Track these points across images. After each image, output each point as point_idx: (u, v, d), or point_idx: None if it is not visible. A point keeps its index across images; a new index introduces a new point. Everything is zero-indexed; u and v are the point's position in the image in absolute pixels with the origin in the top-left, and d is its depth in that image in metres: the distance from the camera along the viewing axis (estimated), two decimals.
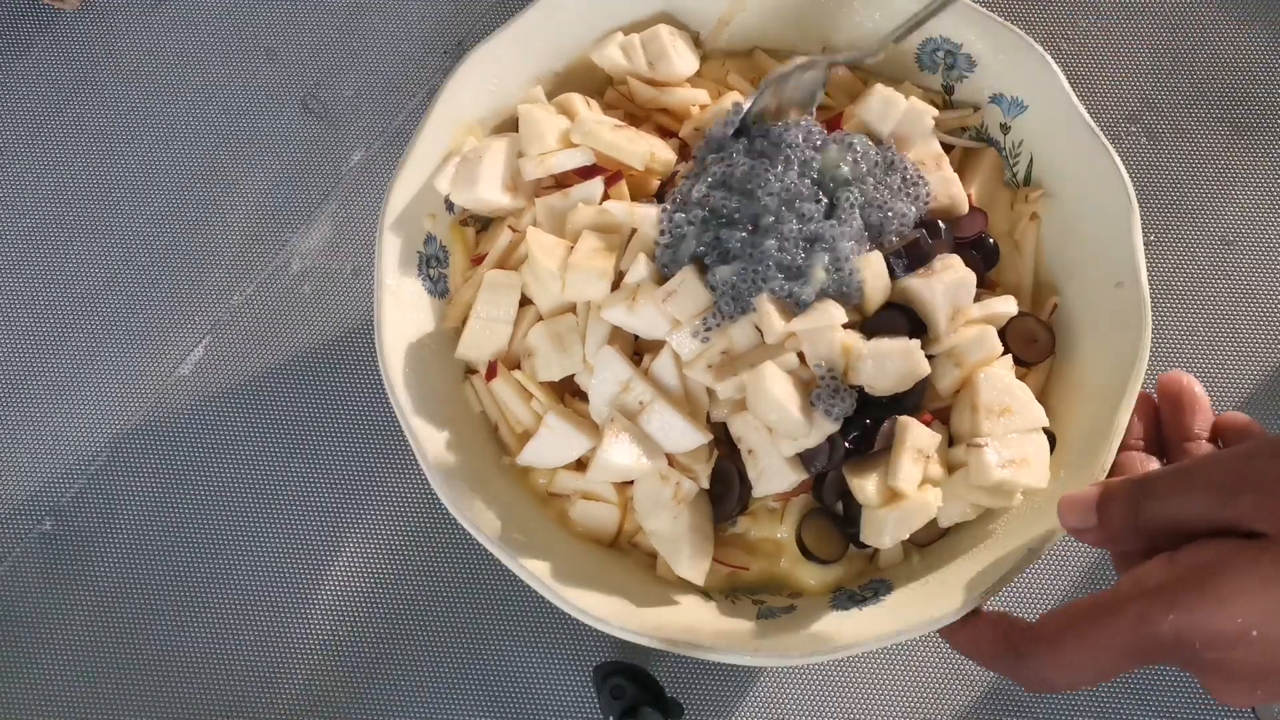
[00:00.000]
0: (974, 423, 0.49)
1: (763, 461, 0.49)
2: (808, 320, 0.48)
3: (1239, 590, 0.33)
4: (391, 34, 0.78)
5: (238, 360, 0.74)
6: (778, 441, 0.48)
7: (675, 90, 0.57)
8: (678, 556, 0.50)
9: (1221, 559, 0.34)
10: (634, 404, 0.50)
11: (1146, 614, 0.34)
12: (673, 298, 0.49)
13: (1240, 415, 0.45)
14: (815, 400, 0.48)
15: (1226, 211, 0.73)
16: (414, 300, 0.54)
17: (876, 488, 0.48)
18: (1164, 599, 0.34)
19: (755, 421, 0.49)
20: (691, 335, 0.49)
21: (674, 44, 0.57)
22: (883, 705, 0.70)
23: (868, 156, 0.52)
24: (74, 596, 0.73)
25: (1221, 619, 0.33)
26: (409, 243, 0.54)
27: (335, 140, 0.77)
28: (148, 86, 0.78)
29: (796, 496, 0.53)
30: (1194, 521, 0.36)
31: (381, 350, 0.51)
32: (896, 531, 0.48)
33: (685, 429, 0.49)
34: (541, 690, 0.71)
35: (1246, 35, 0.74)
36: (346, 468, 0.73)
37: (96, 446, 0.74)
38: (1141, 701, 0.68)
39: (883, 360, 0.48)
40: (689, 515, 0.50)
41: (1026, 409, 0.49)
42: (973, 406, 0.49)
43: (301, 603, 0.72)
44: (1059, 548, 0.66)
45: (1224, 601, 0.33)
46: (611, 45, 0.57)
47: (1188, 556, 0.35)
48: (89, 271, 0.76)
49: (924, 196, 0.53)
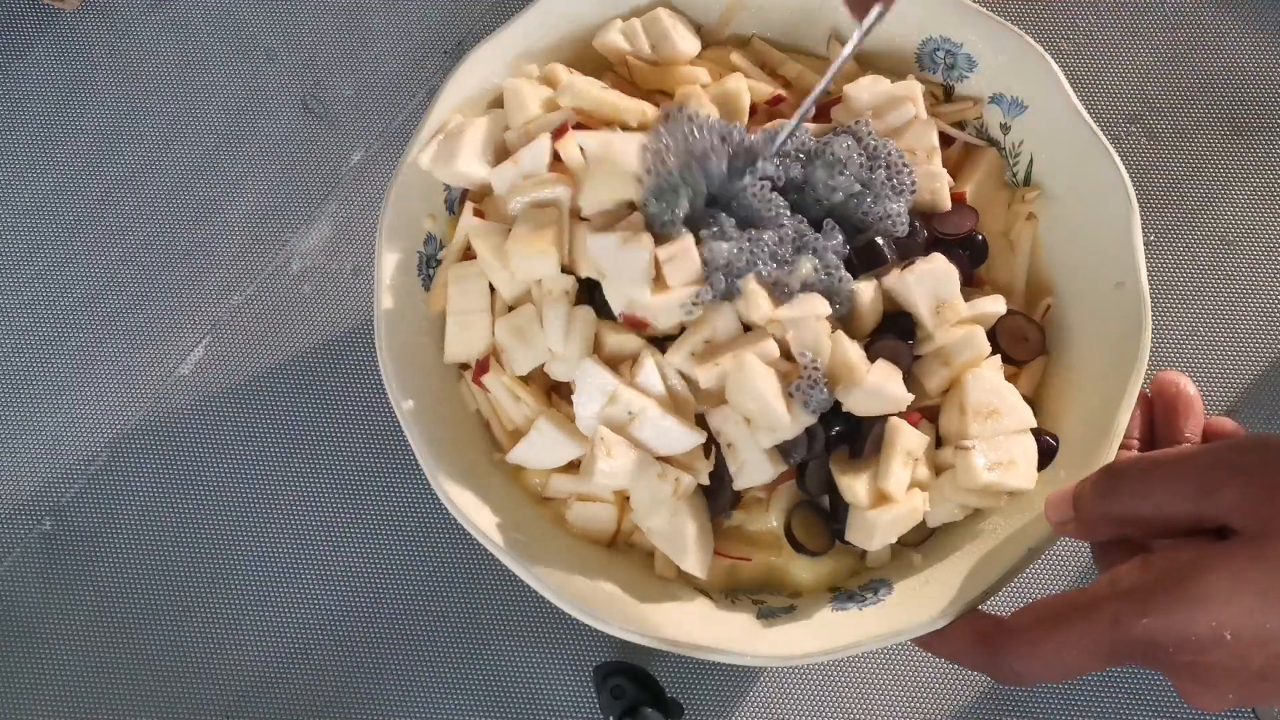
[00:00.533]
0: (962, 424, 0.49)
1: (742, 455, 0.49)
2: (794, 309, 0.48)
3: (1213, 594, 0.33)
4: (391, 34, 0.78)
5: (238, 360, 0.74)
6: (756, 433, 0.48)
7: (676, 69, 0.57)
8: (682, 552, 0.50)
9: (1195, 562, 0.34)
10: (622, 415, 0.49)
11: (1120, 616, 0.34)
12: (671, 261, 0.48)
13: (1229, 421, 0.45)
14: (794, 391, 0.48)
15: (1226, 211, 0.73)
16: (413, 300, 0.54)
17: (866, 489, 0.48)
18: (1138, 602, 0.34)
19: (734, 415, 0.49)
20: (679, 306, 0.49)
21: (675, 26, 0.57)
22: (883, 705, 0.70)
23: (852, 161, 0.52)
24: (74, 596, 0.73)
25: (1195, 623, 0.33)
26: (409, 243, 0.54)
27: (335, 140, 0.77)
28: (148, 86, 0.78)
29: (781, 486, 0.53)
30: (1164, 515, 0.36)
31: (381, 350, 0.51)
32: (886, 535, 0.48)
33: (681, 431, 0.49)
34: (541, 690, 0.71)
35: (1246, 35, 0.74)
36: (346, 468, 0.73)
37: (96, 446, 0.74)
38: (1141, 701, 0.68)
39: (876, 394, 0.48)
40: (687, 510, 0.51)
41: (1014, 410, 0.49)
42: (961, 408, 0.49)
43: (301, 603, 0.72)
44: (1058, 548, 0.66)
45: (1198, 605, 0.33)
46: (612, 30, 0.57)
47: (1162, 559, 0.35)
48: (89, 271, 0.76)
49: (909, 185, 0.53)
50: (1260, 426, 0.70)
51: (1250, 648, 0.32)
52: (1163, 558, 0.35)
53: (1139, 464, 0.38)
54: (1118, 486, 0.38)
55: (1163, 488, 0.36)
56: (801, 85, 0.59)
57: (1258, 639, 0.32)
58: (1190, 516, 0.35)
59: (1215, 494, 0.34)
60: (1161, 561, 0.35)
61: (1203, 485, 0.35)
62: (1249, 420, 0.70)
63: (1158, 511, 0.36)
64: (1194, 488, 0.35)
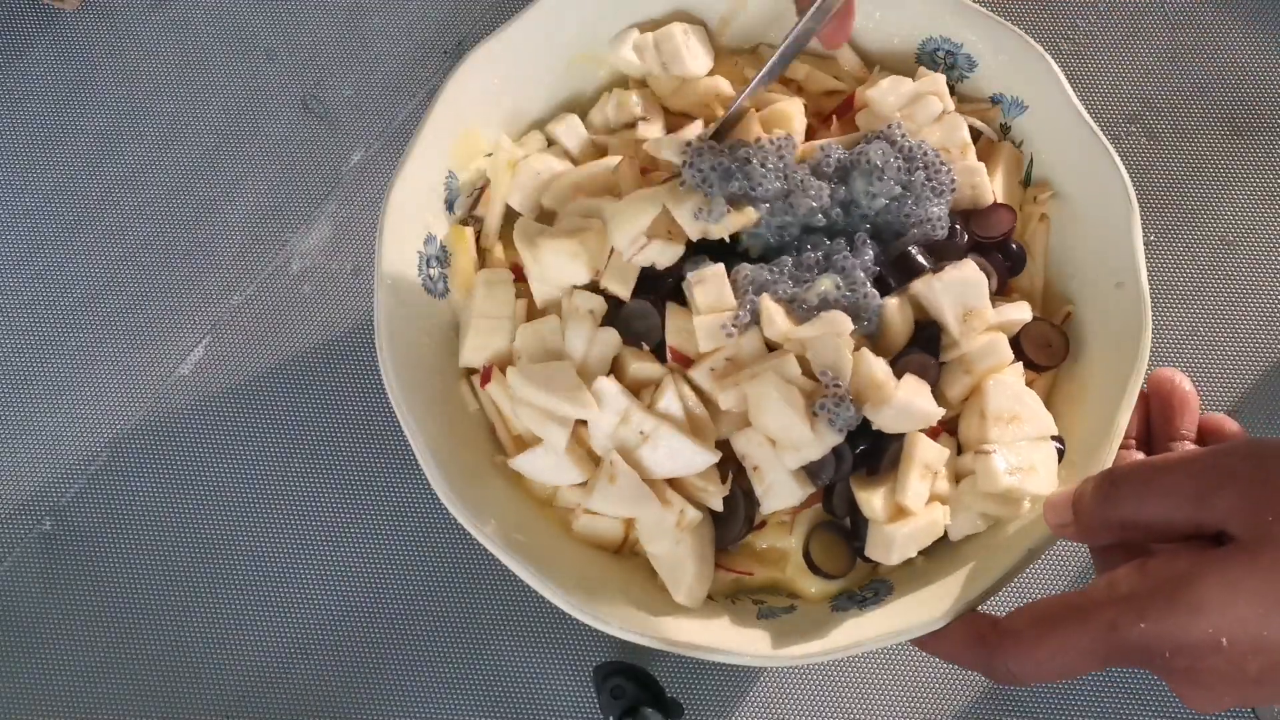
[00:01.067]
0: (982, 430, 0.49)
1: (768, 477, 0.48)
2: (813, 327, 0.47)
3: (1210, 601, 0.33)
4: (391, 34, 0.78)
5: (238, 360, 0.75)
6: (781, 454, 0.47)
7: (698, 83, 0.57)
8: (677, 583, 0.50)
9: (1192, 568, 0.34)
10: (634, 436, 0.49)
11: (1117, 621, 0.35)
12: (701, 285, 0.48)
13: (1230, 421, 0.45)
14: (819, 409, 0.47)
15: (1226, 211, 0.73)
16: (414, 300, 0.54)
17: (884, 503, 0.48)
18: (1135, 608, 0.34)
19: (758, 436, 0.48)
20: (719, 327, 0.49)
21: (687, 42, 0.57)
22: (883, 705, 0.70)
23: (890, 166, 0.51)
24: (74, 596, 0.73)
25: (1193, 630, 0.33)
26: (409, 243, 0.54)
27: (335, 140, 0.77)
28: (148, 86, 0.78)
29: (807, 509, 0.52)
30: (1164, 521, 0.36)
31: (381, 350, 0.51)
32: (904, 549, 0.48)
33: (693, 450, 0.48)
34: (541, 690, 0.71)
35: (1246, 35, 0.74)
36: (346, 468, 0.73)
37: (96, 446, 0.74)
38: (1141, 701, 0.68)
39: (905, 410, 0.47)
40: (691, 541, 0.50)
41: (1036, 417, 0.49)
42: (981, 413, 0.49)
43: (301, 603, 0.72)
44: (1057, 548, 0.66)
45: (1194, 612, 0.33)
46: (625, 46, 0.57)
47: (1160, 565, 0.35)
48: (89, 271, 0.76)
49: (949, 184, 0.52)
50: (1260, 426, 0.70)
51: (1246, 654, 0.33)
52: (1160, 564, 0.35)
53: (1139, 470, 0.38)
54: (1118, 492, 0.38)
55: (1162, 494, 0.36)
56: (811, 87, 0.59)
57: (1254, 645, 0.32)
58: (1189, 522, 0.35)
59: (1212, 501, 0.34)
60: (1159, 567, 0.35)
61: (1200, 492, 0.35)
62: (1249, 420, 0.70)
63: (1157, 517, 0.36)
64: (1191, 494, 0.35)
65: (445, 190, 0.56)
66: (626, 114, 0.57)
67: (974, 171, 0.53)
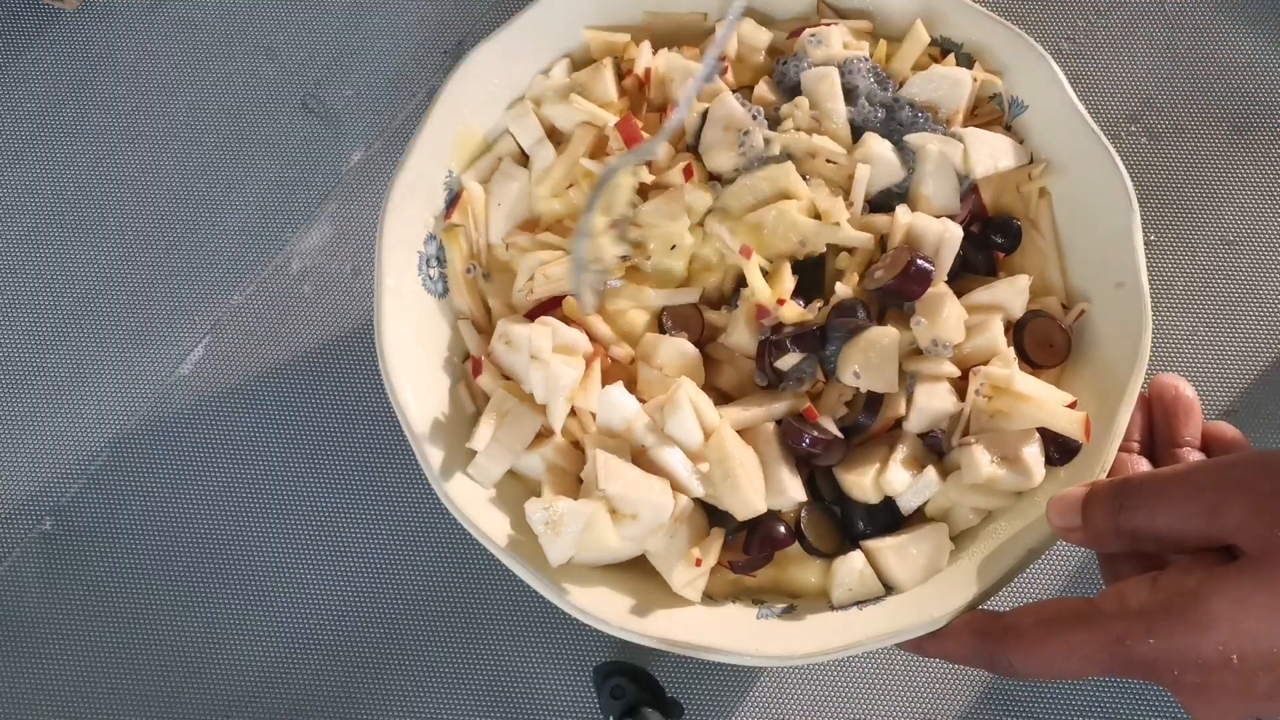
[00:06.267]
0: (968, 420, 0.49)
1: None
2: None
3: (1220, 617, 0.33)
4: (391, 34, 0.78)
5: (238, 360, 0.75)
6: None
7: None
8: (674, 575, 0.50)
9: (1202, 586, 0.34)
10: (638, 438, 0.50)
11: (1127, 635, 0.35)
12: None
13: (1230, 428, 0.45)
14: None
15: (1227, 211, 0.73)
16: (414, 300, 0.54)
17: (872, 483, 0.49)
18: (1145, 622, 0.34)
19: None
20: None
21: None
22: (883, 705, 0.70)
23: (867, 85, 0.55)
24: (74, 596, 0.73)
25: (1202, 646, 0.33)
26: (409, 243, 0.54)
27: (335, 140, 0.77)
28: (148, 86, 0.78)
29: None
30: (1175, 533, 0.36)
31: (381, 350, 0.51)
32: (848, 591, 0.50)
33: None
34: (541, 690, 0.71)
35: (1246, 35, 0.74)
36: (346, 468, 0.73)
37: (96, 446, 0.74)
38: (1142, 701, 0.68)
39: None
40: (687, 534, 0.50)
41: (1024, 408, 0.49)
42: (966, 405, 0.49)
43: (301, 603, 0.72)
44: (1056, 548, 0.66)
45: (1205, 629, 0.33)
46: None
47: (1171, 581, 0.35)
48: (89, 271, 0.76)
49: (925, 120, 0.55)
50: (1260, 426, 0.70)
51: (1256, 670, 0.33)
52: (1171, 579, 0.35)
53: (1151, 481, 0.38)
54: (1130, 503, 0.38)
55: (1172, 506, 0.36)
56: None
57: (1264, 662, 0.32)
58: (1200, 535, 0.35)
59: (1222, 515, 0.34)
60: (1170, 583, 0.35)
61: (1210, 505, 0.35)
62: (1249, 420, 0.70)
63: (1169, 529, 0.36)
64: (1202, 507, 0.35)
65: (445, 190, 0.56)
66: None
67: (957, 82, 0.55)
